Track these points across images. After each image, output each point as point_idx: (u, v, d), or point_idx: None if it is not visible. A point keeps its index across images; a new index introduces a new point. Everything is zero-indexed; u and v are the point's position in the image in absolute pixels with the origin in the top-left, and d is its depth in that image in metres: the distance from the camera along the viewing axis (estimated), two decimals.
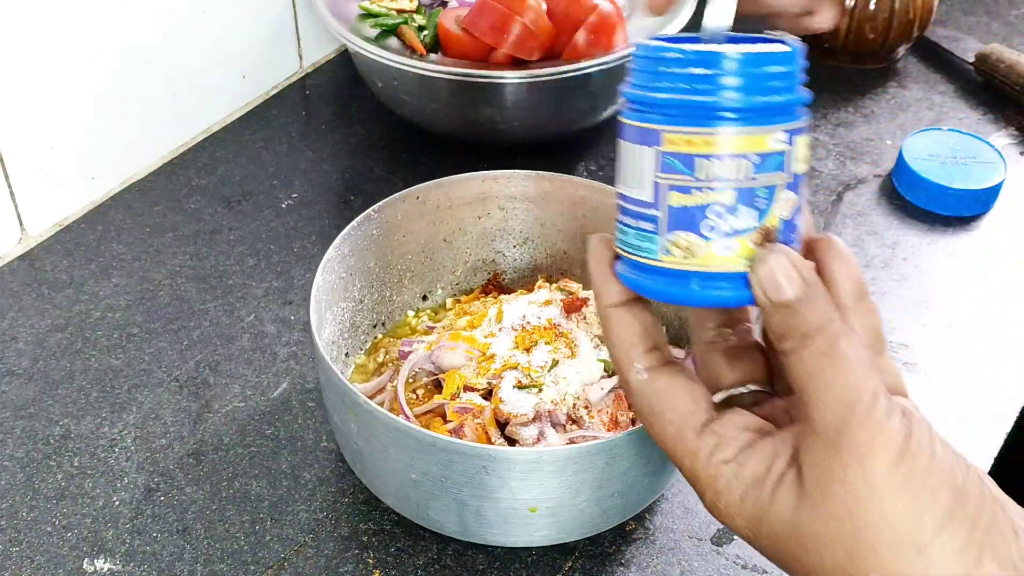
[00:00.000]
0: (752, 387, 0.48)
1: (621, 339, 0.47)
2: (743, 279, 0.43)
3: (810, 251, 0.46)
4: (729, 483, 0.45)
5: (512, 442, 0.65)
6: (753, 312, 0.49)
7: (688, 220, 0.43)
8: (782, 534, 0.44)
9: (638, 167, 0.44)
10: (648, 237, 0.44)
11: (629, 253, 0.46)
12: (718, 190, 0.42)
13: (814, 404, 0.42)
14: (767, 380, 0.49)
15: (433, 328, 0.75)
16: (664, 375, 0.47)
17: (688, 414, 0.46)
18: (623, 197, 0.46)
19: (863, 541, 0.41)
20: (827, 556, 0.42)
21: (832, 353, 0.42)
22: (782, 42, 0.45)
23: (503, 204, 0.78)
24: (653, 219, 0.44)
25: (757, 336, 0.50)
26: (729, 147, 0.42)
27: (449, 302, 0.80)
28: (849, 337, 0.42)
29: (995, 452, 0.74)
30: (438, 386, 0.69)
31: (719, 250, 0.43)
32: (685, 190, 0.43)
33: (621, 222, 0.46)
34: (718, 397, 0.48)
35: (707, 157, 0.42)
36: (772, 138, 0.42)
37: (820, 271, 0.44)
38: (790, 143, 0.43)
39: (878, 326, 0.46)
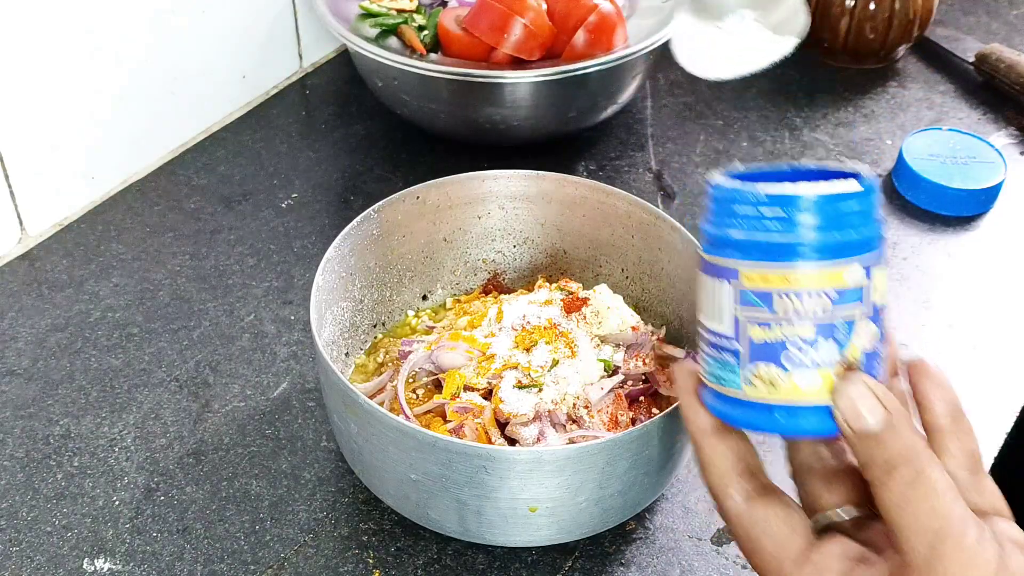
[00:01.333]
0: (851, 510, 0.48)
1: (715, 465, 0.47)
2: (827, 410, 0.44)
3: (899, 374, 0.46)
4: None
5: (512, 442, 0.65)
6: None
7: (769, 353, 0.44)
8: None
9: (718, 301, 0.45)
10: (730, 368, 0.45)
11: (714, 384, 0.46)
12: (797, 325, 0.43)
13: (903, 534, 0.42)
14: (866, 502, 0.48)
15: (433, 328, 0.75)
16: (760, 503, 0.46)
17: (785, 543, 0.46)
18: (705, 329, 0.46)
19: None
20: None
21: (918, 482, 0.41)
22: (856, 175, 0.45)
23: (503, 204, 0.78)
24: (735, 352, 0.45)
25: (852, 458, 0.49)
26: (806, 284, 0.43)
27: (449, 302, 0.80)
28: (935, 464, 0.42)
29: (995, 452, 0.74)
30: (438, 386, 0.69)
31: (801, 383, 0.44)
32: (765, 325, 0.44)
33: (704, 352, 0.46)
34: (816, 521, 0.47)
35: (785, 293, 0.43)
36: (849, 273, 0.43)
37: (914, 394, 0.44)
38: (868, 276, 0.44)
39: (974, 448, 0.45)
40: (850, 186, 0.44)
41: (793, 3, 0.59)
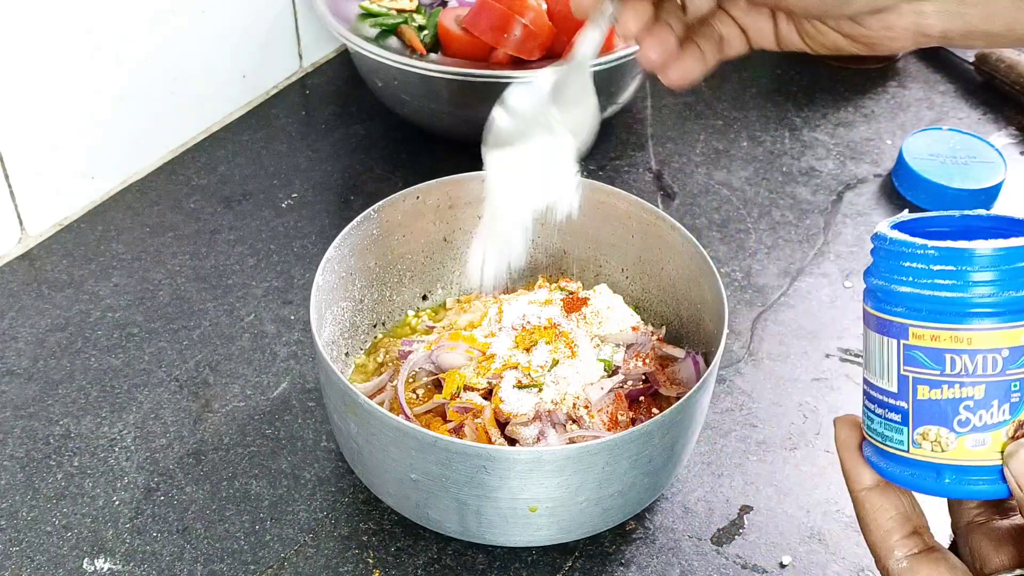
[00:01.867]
0: (1020, 572, 0.46)
1: (878, 524, 0.46)
2: (998, 472, 0.42)
3: None
4: None
5: (512, 442, 0.65)
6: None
7: (937, 414, 0.42)
8: None
9: (883, 357, 0.43)
10: (896, 428, 0.44)
11: (877, 441, 0.45)
12: (968, 385, 0.42)
13: None
14: None
15: (433, 328, 0.75)
16: (926, 564, 0.45)
17: None
18: (869, 384, 0.45)
19: None
20: None
21: None
22: (1018, 221, 0.43)
23: None
24: (901, 410, 0.43)
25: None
26: (979, 343, 0.41)
27: (449, 302, 0.80)
28: None
29: None
30: (438, 386, 0.69)
31: (971, 444, 0.42)
32: (934, 384, 0.42)
33: (868, 408, 0.45)
34: None
35: (956, 352, 0.41)
36: None
37: None
38: None
39: None
40: (1021, 240, 0.41)
41: (590, 104, 0.56)
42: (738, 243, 0.90)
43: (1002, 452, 0.42)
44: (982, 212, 0.46)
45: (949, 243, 0.41)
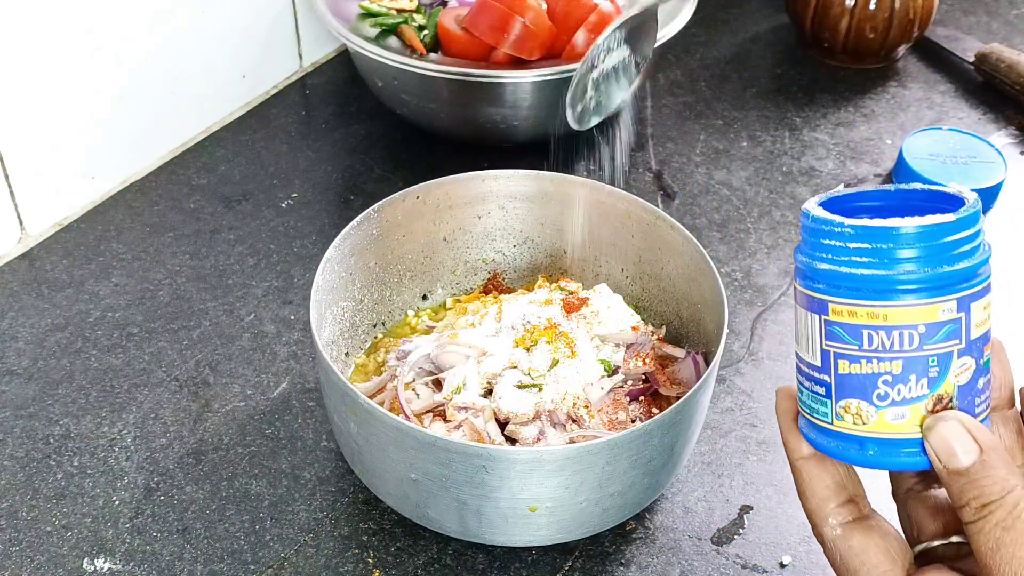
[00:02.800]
0: (956, 539, 0.47)
1: (814, 492, 0.46)
2: (919, 444, 0.43)
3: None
4: None
5: (512, 442, 0.65)
6: None
7: (857, 388, 0.43)
8: None
9: (808, 332, 0.44)
10: (821, 401, 0.44)
11: (807, 413, 0.46)
12: (885, 360, 0.42)
13: None
14: None
15: (433, 328, 0.75)
16: (859, 531, 0.46)
17: (883, 573, 0.45)
18: (799, 358, 0.45)
19: None
20: None
21: (1013, 526, 0.41)
22: (955, 199, 0.43)
23: (503, 204, 0.78)
24: (825, 384, 0.44)
25: None
26: (895, 320, 0.42)
27: (449, 302, 0.80)
28: None
29: None
30: (438, 386, 0.69)
31: (891, 418, 0.43)
32: (853, 359, 0.43)
33: (799, 382, 0.46)
34: (919, 548, 0.47)
35: (873, 328, 0.42)
36: (942, 309, 0.42)
37: None
38: (963, 310, 0.42)
39: None
40: (944, 217, 0.41)
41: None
42: (738, 243, 0.90)
43: (921, 426, 0.43)
44: (918, 186, 0.46)
45: (865, 221, 0.42)
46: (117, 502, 0.69)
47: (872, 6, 1.05)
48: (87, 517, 0.68)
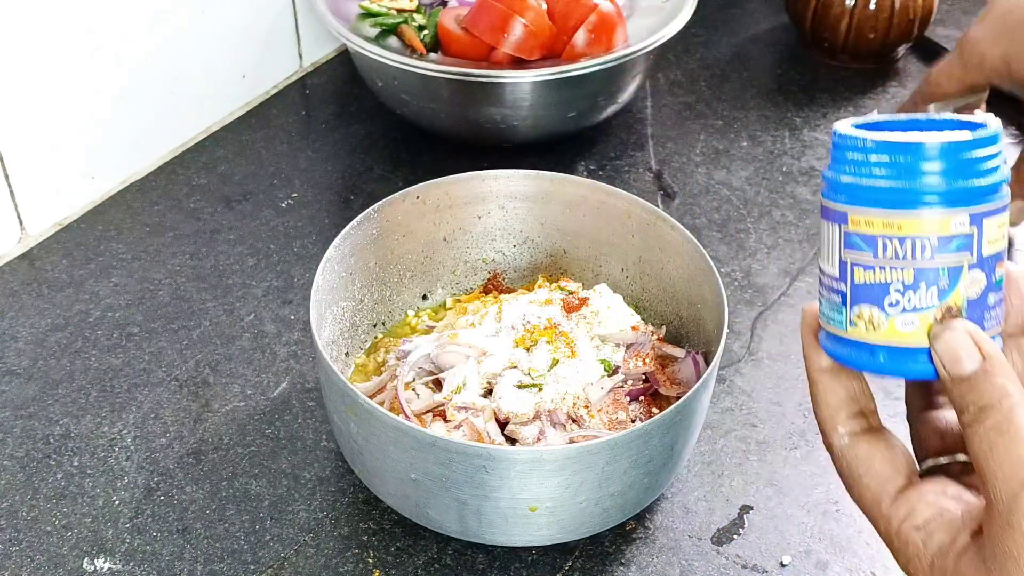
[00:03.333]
0: (961, 457, 0.48)
1: (827, 402, 0.48)
2: (927, 353, 0.45)
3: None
4: (918, 551, 0.45)
5: (512, 442, 0.65)
6: None
7: (871, 295, 0.45)
8: None
9: (829, 243, 0.47)
10: (838, 309, 0.46)
11: (824, 323, 0.48)
12: (898, 269, 0.44)
13: (989, 480, 0.42)
14: None
15: (433, 328, 0.75)
16: (866, 441, 0.47)
17: (885, 481, 0.47)
18: (821, 270, 0.48)
19: None
20: None
21: (1006, 429, 0.42)
22: (977, 125, 0.46)
23: (503, 204, 0.78)
24: (841, 292, 0.46)
25: None
26: (909, 230, 0.44)
27: (449, 302, 0.80)
28: None
29: None
30: (438, 386, 0.69)
31: (900, 326, 0.45)
32: (868, 268, 0.45)
33: (820, 293, 0.48)
34: (925, 465, 0.48)
35: (888, 238, 0.44)
36: (955, 221, 0.44)
37: None
38: (975, 224, 0.44)
39: None
40: (961, 135, 0.44)
41: None
42: (738, 243, 0.90)
43: (929, 334, 0.45)
44: (948, 116, 0.48)
45: (887, 136, 0.44)
46: (117, 502, 0.69)
47: (872, 6, 1.05)
48: (87, 517, 0.68)
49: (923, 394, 0.51)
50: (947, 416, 0.50)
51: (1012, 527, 0.41)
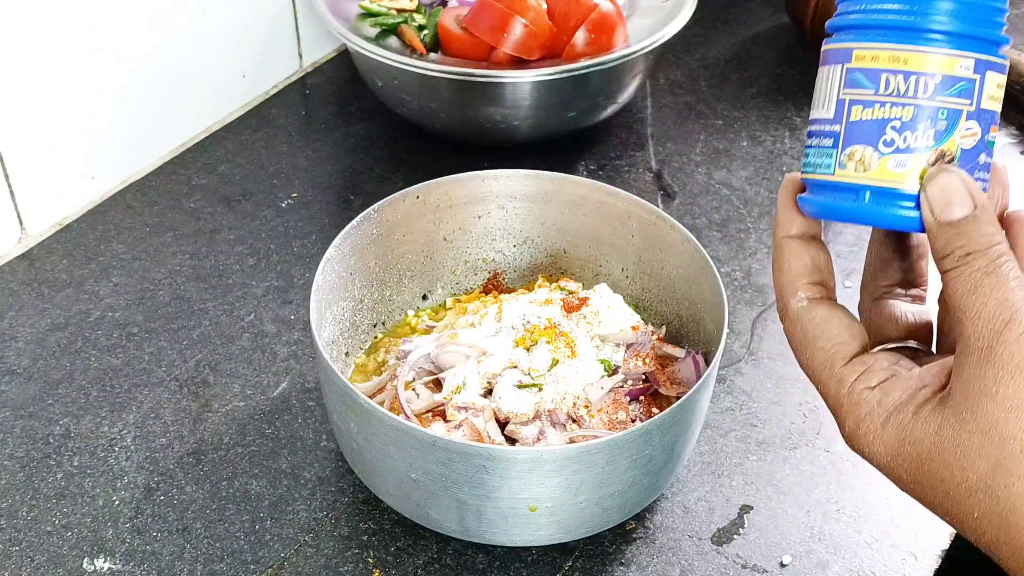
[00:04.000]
0: (914, 344, 0.49)
1: (790, 267, 0.49)
2: (914, 200, 0.45)
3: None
4: (872, 409, 0.46)
5: (512, 441, 0.65)
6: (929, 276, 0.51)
7: (865, 134, 0.45)
8: (924, 454, 0.44)
9: (826, 88, 0.47)
10: (827, 153, 0.46)
11: (808, 173, 0.48)
12: (898, 106, 0.45)
13: (970, 319, 0.43)
14: (930, 341, 0.50)
15: (433, 328, 0.75)
16: (824, 307, 0.48)
17: (840, 344, 0.47)
18: (811, 123, 0.48)
19: (1010, 452, 0.42)
20: (970, 471, 0.43)
21: (993, 272, 0.43)
22: None
23: (503, 203, 0.78)
24: (834, 135, 0.46)
25: (931, 304, 0.51)
26: (914, 65, 0.44)
27: (449, 301, 0.80)
28: (1012, 261, 0.43)
29: None
30: (438, 386, 0.69)
31: (892, 166, 0.45)
32: (867, 104, 0.45)
33: (807, 148, 0.48)
34: (878, 349, 0.49)
35: (892, 72, 0.45)
36: (960, 64, 0.44)
37: (1011, 244, 0.45)
38: (978, 72, 0.45)
39: None
40: None
41: None
42: (738, 243, 0.90)
43: (921, 178, 0.45)
44: None
45: None
46: (117, 502, 0.69)
47: None
48: (87, 517, 0.68)
49: (884, 281, 0.51)
50: (900, 305, 0.50)
51: (991, 363, 0.42)
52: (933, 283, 0.50)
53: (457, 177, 0.76)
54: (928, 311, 0.51)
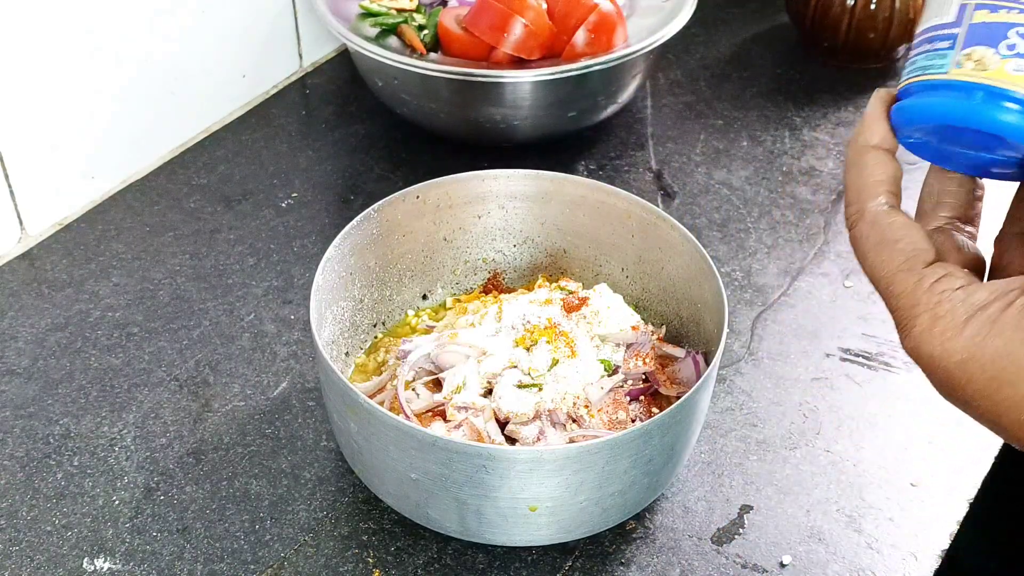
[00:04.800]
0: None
1: (872, 173, 0.48)
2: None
3: None
4: (955, 307, 0.45)
5: (512, 441, 0.65)
6: None
7: (988, 36, 0.45)
8: (1001, 355, 0.43)
9: None
10: (941, 55, 0.46)
11: (914, 77, 0.47)
12: None
13: None
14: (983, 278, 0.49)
15: (433, 328, 0.75)
16: (903, 215, 0.47)
17: (922, 249, 0.47)
18: (920, 34, 0.47)
19: None
20: None
21: None
22: None
23: (503, 203, 0.78)
24: (951, 37, 0.46)
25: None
26: None
27: (449, 301, 0.80)
28: None
29: (996, 450, 0.74)
30: (438, 386, 0.69)
31: (1011, 68, 0.44)
32: (993, 8, 0.45)
33: (911, 59, 0.48)
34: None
35: None
36: None
37: None
38: None
39: None
40: None
41: None
42: (738, 243, 0.90)
43: None
44: None
45: None
46: (117, 502, 0.69)
47: (872, 6, 1.05)
48: (87, 517, 0.68)
49: (937, 210, 0.50)
50: (960, 236, 0.50)
51: None
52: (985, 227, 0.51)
53: (457, 177, 0.76)
54: (981, 250, 0.51)
